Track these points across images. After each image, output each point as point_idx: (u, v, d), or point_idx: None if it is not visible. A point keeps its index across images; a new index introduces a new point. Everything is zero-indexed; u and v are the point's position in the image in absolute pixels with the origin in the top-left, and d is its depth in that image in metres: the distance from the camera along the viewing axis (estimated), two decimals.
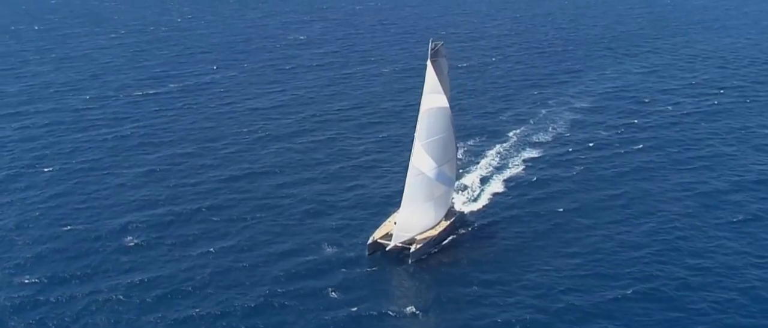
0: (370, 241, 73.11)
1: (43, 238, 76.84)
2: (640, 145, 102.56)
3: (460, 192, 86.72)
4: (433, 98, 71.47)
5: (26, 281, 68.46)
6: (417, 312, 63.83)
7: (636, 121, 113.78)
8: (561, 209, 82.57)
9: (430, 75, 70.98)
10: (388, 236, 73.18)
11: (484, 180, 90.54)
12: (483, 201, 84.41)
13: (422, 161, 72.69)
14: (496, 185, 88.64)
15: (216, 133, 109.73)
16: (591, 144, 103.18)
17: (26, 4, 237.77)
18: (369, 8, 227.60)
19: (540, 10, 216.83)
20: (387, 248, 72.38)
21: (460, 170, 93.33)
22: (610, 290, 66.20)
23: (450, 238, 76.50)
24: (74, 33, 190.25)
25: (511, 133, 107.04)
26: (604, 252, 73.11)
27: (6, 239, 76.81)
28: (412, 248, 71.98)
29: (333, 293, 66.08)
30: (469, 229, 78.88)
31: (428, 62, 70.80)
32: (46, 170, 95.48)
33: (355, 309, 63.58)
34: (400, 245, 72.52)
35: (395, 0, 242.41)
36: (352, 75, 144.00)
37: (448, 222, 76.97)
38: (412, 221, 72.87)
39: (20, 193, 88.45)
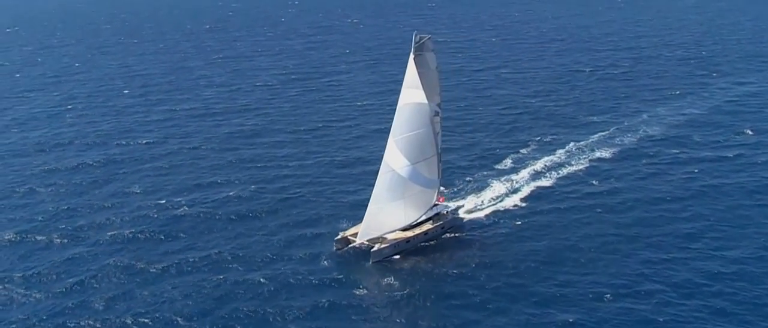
0: (338, 236, 72.15)
1: (115, 204, 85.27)
2: (737, 163, 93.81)
3: (501, 185, 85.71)
4: (411, 93, 69.63)
5: (74, 235, 76.75)
6: (380, 307, 63.08)
7: (749, 132, 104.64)
8: (599, 210, 79.10)
9: (411, 69, 69.34)
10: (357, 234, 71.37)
11: (534, 176, 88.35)
12: (516, 200, 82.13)
13: (394, 158, 70.46)
14: (545, 183, 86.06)
15: (313, 125, 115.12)
16: (678, 153, 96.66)
17: (211, 8, 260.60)
18: (535, 18, 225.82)
19: (704, 27, 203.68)
20: (350, 245, 71.12)
21: (515, 165, 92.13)
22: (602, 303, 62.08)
23: (439, 240, 73.86)
24: (241, 35, 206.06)
25: (594, 136, 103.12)
26: (621, 267, 67.77)
27: (87, 203, 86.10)
28: (375, 248, 69.60)
29: (319, 280, 66.71)
30: (476, 232, 75.76)
31: (411, 56, 69.47)
32: (153, 147, 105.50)
33: (327, 298, 63.72)
34: (368, 242, 70.56)
35: (564, 9, 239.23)
36: (474, 79, 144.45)
37: (434, 225, 73.84)
38: (378, 219, 70.58)
39: (124, 165, 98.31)
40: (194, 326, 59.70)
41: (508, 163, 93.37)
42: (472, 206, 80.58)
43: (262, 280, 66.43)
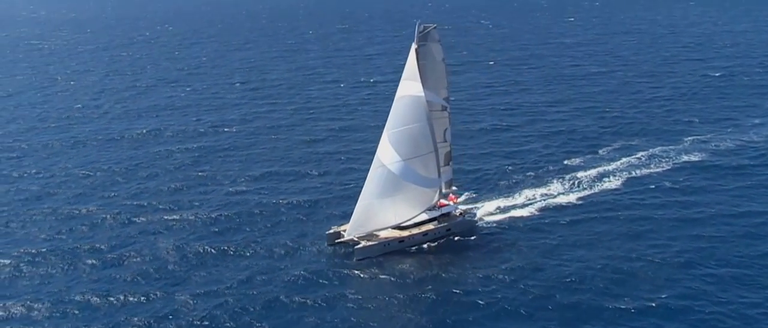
0: (331, 230, 69.45)
1: (182, 189, 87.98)
2: None
3: (560, 184, 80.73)
4: (408, 85, 65.74)
5: (131, 214, 79.83)
6: (368, 304, 59.87)
7: None
8: (660, 218, 72.10)
9: (411, 61, 65.64)
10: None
11: (601, 176, 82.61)
12: (573, 199, 76.66)
13: (385, 153, 66.66)
14: (613, 186, 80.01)
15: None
16: None
17: (349, 10, 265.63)
18: (680, 22, 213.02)
19: None
20: (337, 240, 68.29)
21: (585, 165, 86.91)
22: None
23: (462, 240, 69.45)
24: (370, 35, 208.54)
25: (687, 138, 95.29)
26: (664, 283, 61.42)
27: (157, 188, 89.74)
28: (360, 245, 66.08)
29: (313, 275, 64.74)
30: (517, 233, 70.66)
31: (413, 46, 65.83)
32: (242, 137, 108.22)
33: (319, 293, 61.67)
34: (358, 239, 67.34)
35: (716, 13, 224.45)
36: (590, 81, 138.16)
37: (437, 226, 69.27)
38: (366, 215, 67.14)
39: (209, 153, 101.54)
40: (196, 308, 60.23)
41: (577, 161, 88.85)
42: (521, 203, 76.47)
43: (281, 267, 66.11)
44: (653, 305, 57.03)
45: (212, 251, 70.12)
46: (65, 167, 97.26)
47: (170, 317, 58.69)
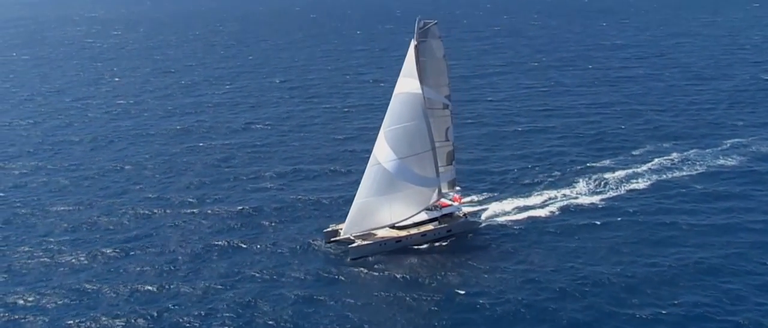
0: (328, 229, 68.24)
1: (204, 184, 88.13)
2: None
3: (586, 185, 78.43)
4: (406, 82, 64.02)
5: (150, 208, 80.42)
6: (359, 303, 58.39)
7: None
8: (683, 220, 69.15)
9: (410, 57, 63.97)
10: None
11: (630, 178, 79.78)
12: (596, 200, 74.11)
13: (381, 151, 65.06)
14: (640, 186, 77.50)
15: None
16: None
17: (404, 11, 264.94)
18: (742, 25, 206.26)
19: None
20: (333, 239, 66.98)
21: (612, 164, 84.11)
22: None
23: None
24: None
25: (727, 142, 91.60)
26: (677, 295, 58.87)
27: (178, 182, 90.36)
28: (354, 243, 64.59)
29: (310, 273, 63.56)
30: (531, 235, 68.23)
31: (412, 42, 64.06)
32: (272, 135, 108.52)
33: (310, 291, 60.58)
34: (354, 237, 65.86)
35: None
36: (639, 84, 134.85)
37: (437, 226, 67.37)
38: (361, 214, 65.65)
39: (235, 150, 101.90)
40: (199, 301, 60.02)
41: (608, 163, 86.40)
42: (541, 204, 74.35)
43: (289, 263, 65.42)
44: (665, 312, 54.43)
45: (224, 245, 69.98)
46: (98, 160, 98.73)
47: (173, 307, 58.62)
